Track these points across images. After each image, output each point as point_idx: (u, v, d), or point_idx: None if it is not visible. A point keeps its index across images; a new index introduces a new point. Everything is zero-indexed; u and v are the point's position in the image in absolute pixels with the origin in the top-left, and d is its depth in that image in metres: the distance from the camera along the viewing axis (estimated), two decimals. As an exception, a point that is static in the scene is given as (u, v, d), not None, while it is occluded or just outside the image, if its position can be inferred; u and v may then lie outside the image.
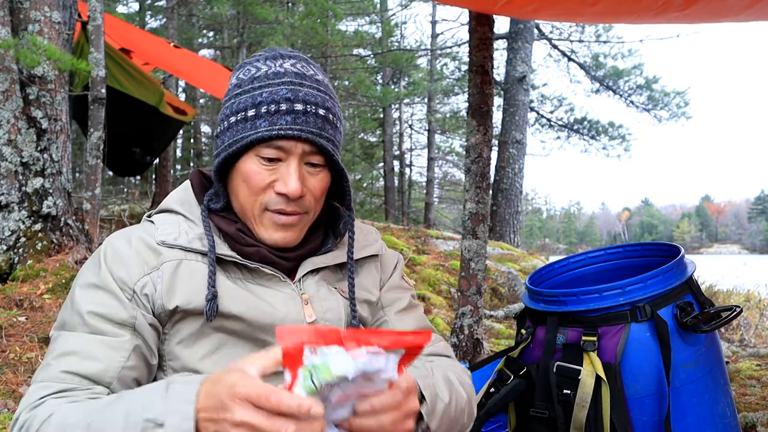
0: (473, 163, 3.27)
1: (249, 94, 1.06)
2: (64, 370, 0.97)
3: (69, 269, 3.60)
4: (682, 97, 13.33)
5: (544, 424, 1.78)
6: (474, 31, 3.26)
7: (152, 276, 1.04)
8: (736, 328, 5.32)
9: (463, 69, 15.54)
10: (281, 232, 1.09)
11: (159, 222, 1.11)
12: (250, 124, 1.04)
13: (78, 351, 0.99)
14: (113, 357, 0.99)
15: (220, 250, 1.07)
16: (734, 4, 2.50)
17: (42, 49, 3.61)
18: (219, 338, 1.06)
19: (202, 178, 1.19)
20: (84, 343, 0.99)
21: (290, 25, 11.83)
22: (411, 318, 1.26)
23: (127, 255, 1.05)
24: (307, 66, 1.10)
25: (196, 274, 1.06)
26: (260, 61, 1.10)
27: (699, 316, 1.74)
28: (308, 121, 1.04)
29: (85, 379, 0.97)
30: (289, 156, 1.05)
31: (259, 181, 1.05)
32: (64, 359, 0.98)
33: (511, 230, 10.15)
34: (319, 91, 1.07)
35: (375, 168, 19.32)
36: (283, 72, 1.07)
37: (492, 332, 4.67)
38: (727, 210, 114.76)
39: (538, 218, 74.92)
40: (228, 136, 1.07)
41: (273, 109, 1.03)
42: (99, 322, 1.01)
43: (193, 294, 1.04)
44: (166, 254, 1.06)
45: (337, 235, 1.20)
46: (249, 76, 1.08)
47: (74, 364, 0.97)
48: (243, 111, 1.05)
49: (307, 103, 1.04)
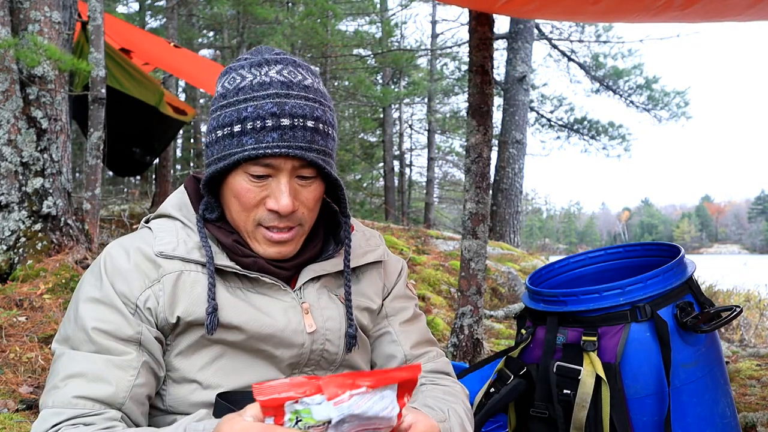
0: (473, 163, 3.27)
1: (234, 108, 1.02)
2: (76, 395, 0.96)
3: (69, 269, 3.60)
4: (682, 97, 13.34)
5: (544, 424, 1.78)
6: (474, 31, 3.26)
7: (154, 289, 1.03)
8: (736, 328, 5.32)
9: (463, 69, 15.54)
10: (276, 247, 1.07)
11: (157, 229, 1.09)
12: (236, 141, 1.01)
13: (86, 373, 0.97)
14: (122, 377, 0.98)
15: (220, 261, 1.06)
16: (735, 4, 2.50)
17: (42, 49, 3.61)
18: (218, 349, 1.06)
19: (196, 184, 1.17)
20: (91, 363, 0.98)
21: (290, 25, 11.83)
22: (415, 330, 1.25)
23: (126, 269, 1.03)
24: (294, 71, 1.05)
25: (196, 285, 1.05)
26: (245, 68, 1.05)
27: (699, 316, 1.74)
28: (296, 136, 1.00)
29: (98, 403, 0.96)
30: (279, 172, 1.02)
31: (249, 198, 1.03)
32: (73, 382, 0.97)
33: (511, 230, 10.15)
34: (307, 100, 1.03)
35: (375, 168, 19.32)
36: (269, 82, 1.02)
37: (492, 332, 4.67)
38: (727, 210, 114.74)
39: (538, 218, 74.89)
40: (216, 150, 1.04)
41: (258, 126, 0.99)
42: (104, 339, 0.99)
43: (193, 306, 1.03)
44: (166, 266, 1.04)
45: (338, 241, 1.17)
46: (234, 86, 1.04)
47: (84, 388, 0.96)
48: (229, 126, 1.02)
49: (294, 117, 1.00)
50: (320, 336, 1.11)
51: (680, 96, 13.33)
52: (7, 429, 2.26)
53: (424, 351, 1.24)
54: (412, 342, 1.22)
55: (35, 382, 2.67)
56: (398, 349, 1.21)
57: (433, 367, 1.23)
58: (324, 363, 1.13)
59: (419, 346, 1.23)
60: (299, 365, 1.11)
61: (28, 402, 2.51)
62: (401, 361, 1.20)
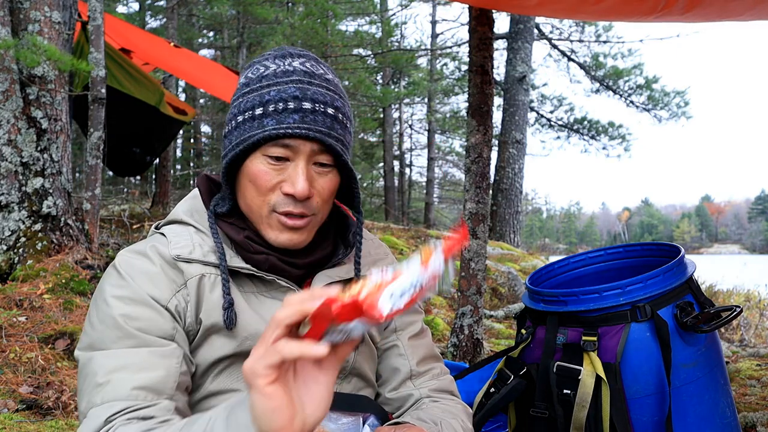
0: (473, 163, 3.27)
1: (257, 93, 1.03)
2: (125, 386, 0.92)
3: (69, 269, 3.60)
4: (682, 97, 13.35)
5: (544, 424, 1.78)
6: (474, 31, 3.26)
7: (182, 293, 1.03)
8: (736, 328, 5.32)
9: (463, 69, 15.55)
10: (289, 233, 1.06)
11: (170, 235, 1.08)
12: (257, 123, 1.01)
13: (128, 365, 0.94)
14: (170, 363, 0.96)
15: (234, 263, 1.05)
16: (736, 7, 2.50)
17: (42, 49, 3.61)
18: (234, 358, 1.05)
19: (209, 183, 1.17)
20: (132, 356, 0.95)
21: (290, 25, 11.83)
22: (423, 345, 1.25)
23: (153, 272, 1.03)
24: (316, 65, 1.07)
25: (215, 288, 1.05)
26: (269, 59, 1.07)
27: (699, 316, 1.74)
28: (317, 119, 1.01)
29: (150, 392, 0.93)
30: (297, 155, 1.02)
31: (266, 181, 1.03)
32: (118, 375, 0.93)
33: (511, 230, 10.15)
34: (328, 90, 1.05)
35: (375, 168, 19.33)
36: (292, 70, 1.04)
37: (492, 332, 4.68)
38: (727, 210, 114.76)
39: (538, 218, 74.94)
40: (235, 135, 1.04)
41: (281, 108, 1.01)
42: (142, 334, 0.97)
43: (211, 309, 1.03)
44: (187, 270, 1.04)
45: (347, 245, 1.16)
46: (257, 74, 1.06)
47: (132, 379, 0.93)
48: (250, 110, 1.03)
49: (315, 102, 1.02)
50: None
51: (680, 96, 13.34)
52: (7, 429, 2.26)
53: (429, 367, 1.24)
54: (419, 357, 1.23)
55: (35, 382, 2.67)
56: (405, 363, 1.21)
57: (437, 385, 1.23)
58: None
59: (425, 362, 1.24)
60: None
61: (28, 402, 2.51)
62: (406, 376, 1.21)
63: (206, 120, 16.53)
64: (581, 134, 14.56)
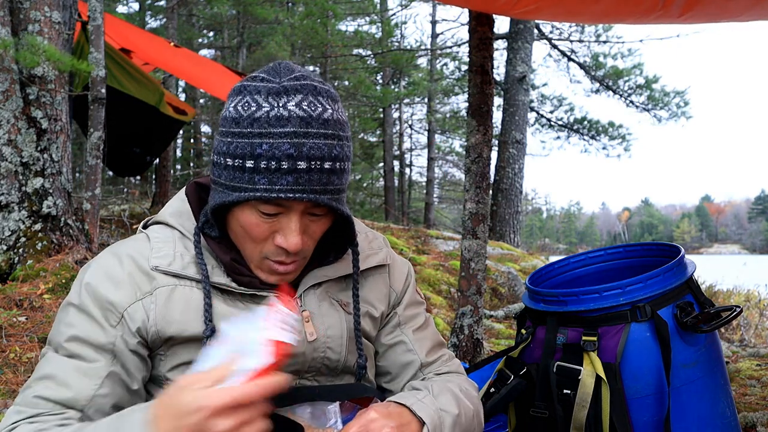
0: (473, 163, 3.27)
1: (248, 140, 0.96)
2: (38, 395, 0.97)
3: (69, 269, 3.60)
4: (681, 97, 13.34)
5: (544, 424, 1.78)
6: (474, 31, 3.26)
7: (144, 302, 1.02)
8: (736, 328, 5.32)
9: (463, 69, 15.54)
10: (279, 276, 1.06)
11: (155, 239, 1.08)
12: (248, 177, 0.96)
13: (55, 375, 0.99)
14: (86, 384, 0.98)
15: (217, 278, 1.05)
16: (734, 8, 2.50)
17: (42, 49, 3.61)
18: None
19: (198, 190, 1.15)
20: (61, 367, 0.99)
21: (290, 25, 11.83)
22: (428, 335, 1.26)
23: (119, 277, 1.03)
24: (314, 101, 0.97)
25: (191, 302, 1.04)
26: (261, 93, 0.97)
27: (699, 316, 1.74)
28: (312, 179, 0.95)
29: (58, 405, 0.97)
30: (290, 211, 1.00)
31: (259, 233, 1.01)
32: (41, 384, 0.99)
33: (511, 230, 10.15)
34: (326, 138, 0.96)
35: (375, 168, 19.33)
36: (287, 117, 0.95)
37: (492, 332, 4.68)
38: (727, 210, 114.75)
39: (538, 218, 74.93)
40: (225, 176, 0.99)
41: (273, 167, 0.94)
42: (77, 346, 1.00)
43: (187, 323, 1.02)
44: (160, 279, 1.03)
45: (338, 249, 1.16)
46: (248, 113, 0.97)
47: (48, 390, 0.98)
48: (241, 158, 0.96)
49: (311, 159, 0.95)
50: (321, 344, 1.10)
51: (680, 96, 13.34)
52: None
53: (438, 355, 1.25)
54: (427, 348, 1.23)
55: (35, 382, 2.67)
56: (414, 357, 1.22)
57: (447, 370, 1.24)
58: (325, 369, 1.13)
59: (433, 352, 1.25)
60: (300, 372, 1.10)
61: (28, 402, 2.51)
62: (417, 368, 1.22)
63: (206, 120, 16.53)
64: (581, 134, 14.56)
